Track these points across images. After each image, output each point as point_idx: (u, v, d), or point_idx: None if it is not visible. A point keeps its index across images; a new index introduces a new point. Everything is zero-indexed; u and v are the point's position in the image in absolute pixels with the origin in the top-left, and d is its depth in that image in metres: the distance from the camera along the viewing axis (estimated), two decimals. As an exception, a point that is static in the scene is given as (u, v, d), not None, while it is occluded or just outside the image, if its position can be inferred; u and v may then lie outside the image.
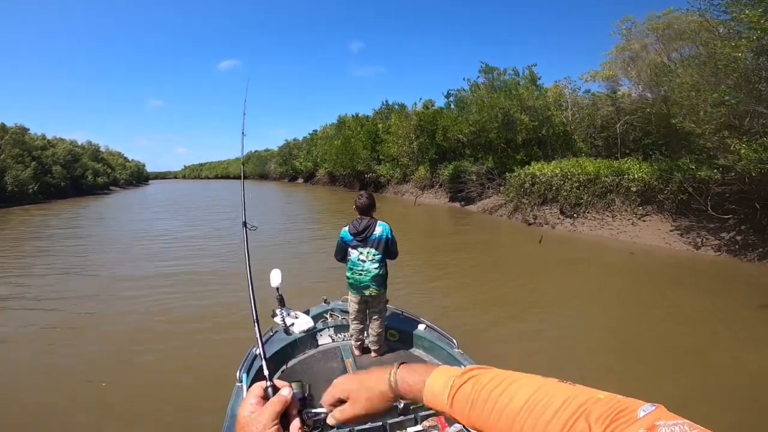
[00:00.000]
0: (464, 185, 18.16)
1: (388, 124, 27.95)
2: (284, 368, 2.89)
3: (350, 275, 3.11)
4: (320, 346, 3.27)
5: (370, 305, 3.15)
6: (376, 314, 3.12)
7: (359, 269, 3.05)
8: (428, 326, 3.19)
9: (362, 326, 3.19)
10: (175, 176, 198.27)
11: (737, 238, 8.16)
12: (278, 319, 3.12)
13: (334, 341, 3.36)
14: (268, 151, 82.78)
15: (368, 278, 3.03)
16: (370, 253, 3.04)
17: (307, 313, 3.38)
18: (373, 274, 3.02)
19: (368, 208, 3.10)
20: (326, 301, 3.77)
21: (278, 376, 2.78)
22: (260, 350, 0.78)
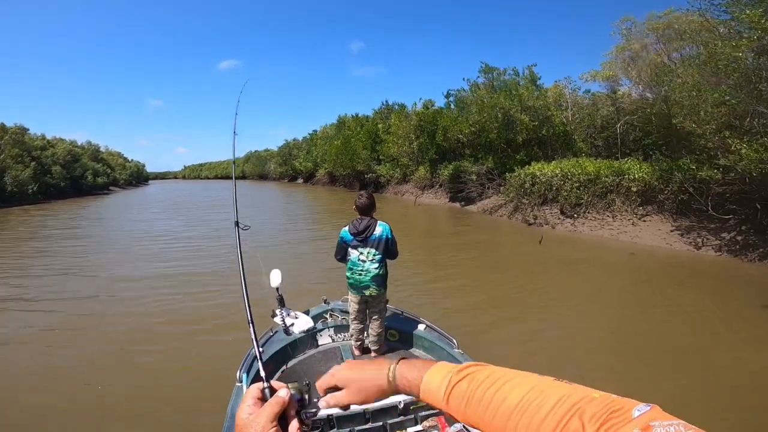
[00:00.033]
0: (464, 185, 18.15)
1: (388, 124, 27.94)
2: (284, 368, 2.89)
3: (350, 275, 3.10)
4: (320, 346, 3.27)
5: (370, 305, 3.14)
6: (376, 314, 3.12)
7: (359, 269, 3.05)
8: (428, 326, 3.19)
9: (362, 326, 3.18)
10: (175, 176, 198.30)
11: (738, 238, 8.15)
12: (278, 319, 3.11)
13: (334, 341, 3.36)
14: (267, 151, 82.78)
15: (368, 278, 3.03)
16: (370, 253, 3.03)
17: (307, 313, 3.38)
18: (373, 274, 3.02)
19: (368, 208, 3.09)
20: (326, 301, 3.77)
21: (278, 376, 2.78)
22: (256, 352, 0.77)
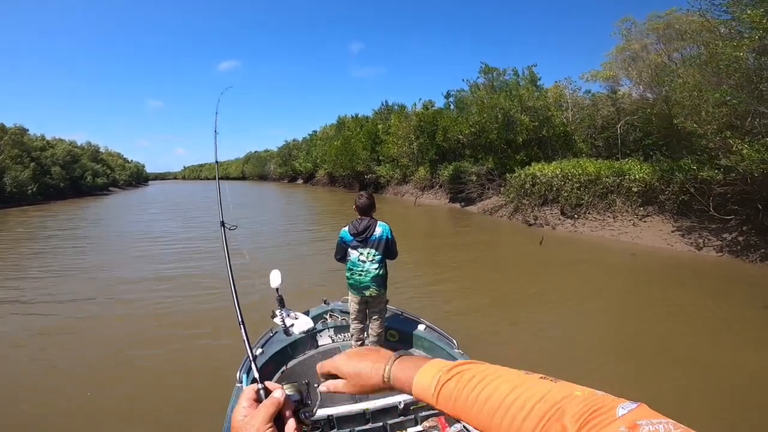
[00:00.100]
0: (464, 186, 18.14)
1: (387, 124, 27.94)
2: (284, 369, 2.89)
3: (350, 276, 3.10)
4: (320, 346, 3.27)
5: (370, 305, 3.14)
6: (376, 314, 3.12)
7: (359, 270, 3.04)
8: (428, 326, 3.19)
9: (362, 326, 3.19)
10: (174, 177, 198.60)
11: (739, 239, 8.13)
12: (278, 319, 3.10)
13: (334, 342, 3.36)
14: (267, 151, 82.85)
15: (368, 279, 3.02)
16: (370, 253, 3.02)
17: (306, 313, 3.37)
18: (373, 274, 3.01)
19: (368, 208, 3.09)
20: (326, 301, 3.76)
21: (278, 376, 2.78)
22: (249, 352, 0.78)
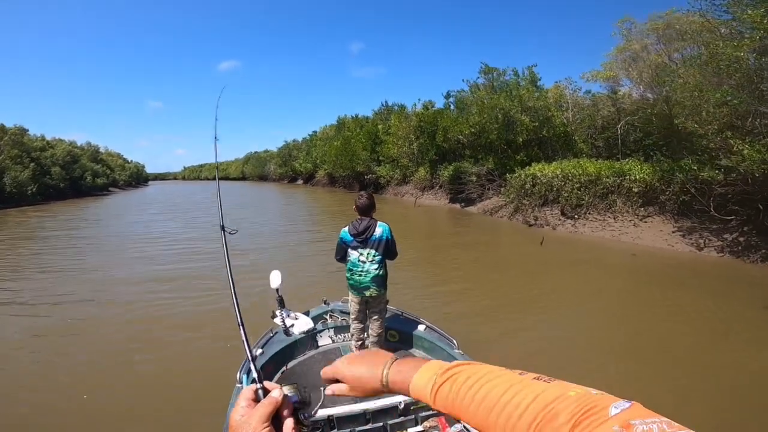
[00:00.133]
0: (464, 186, 18.13)
1: (387, 125, 27.93)
2: (284, 369, 2.88)
3: (350, 276, 3.09)
4: (320, 347, 3.27)
5: (370, 306, 3.13)
6: (376, 315, 3.11)
7: (359, 270, 3.03)
8: (428, 327, 3.18)
9: (363, 326, 3.18)
10: (174, 177, 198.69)
11: (740, 239, 8.11)
12: (278, 320, 3.09)
13: (334, 342, 3.35)
14: (267, 152, 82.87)
15: (368, 279, 3.01)
16: (370, 254, 3.02)
17: (307, 314, 3.36)
18: (373, 275, 3.01)
19: (368, 208, 3.08)
20: (326, 302, 3.76)
21: (278, 377, 2.77)
22: (248, 353, 0.78)
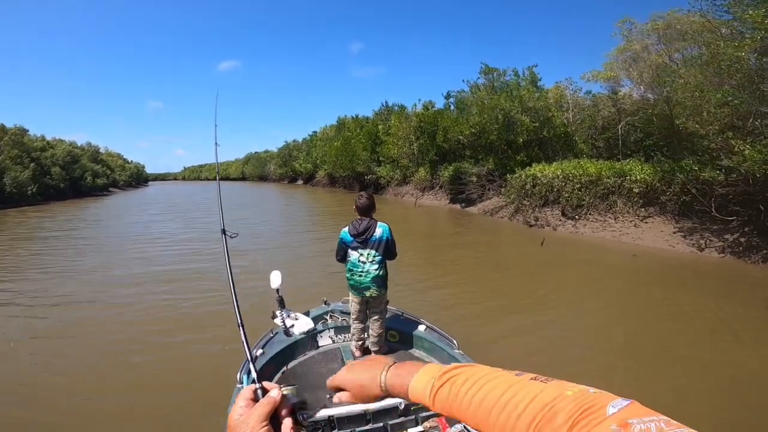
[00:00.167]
0: (465, 187, 18.12)
1: (388, 125, 27.92)
2: (285, 369, 2.88)
3: (350, 276, 3.09)
4: (321, 347, 3.26)
5: (370, 306, 3.13)
6: (376, 315, 3.10)
7: (359, 270, 3.03)
8: (428, 327, 3.18)
9: (363, 326, 3.18)
10: (174, 178, 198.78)
11: (741, 240, 8.09)
12: (278, 320, 3.07)
13: (334, 342, 3.34)
14: (267, 152, 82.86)
15: (368, 279, 3.01)
16: (370, 254, 3.02)
17: (307, 314, 3.34)
18: (373, 275, 3.01)
19: (368, 208, 3.08)
20: (326, 302, 3.75)
21: (279, 377, 2.77)
22: (247, 354, 0.78)
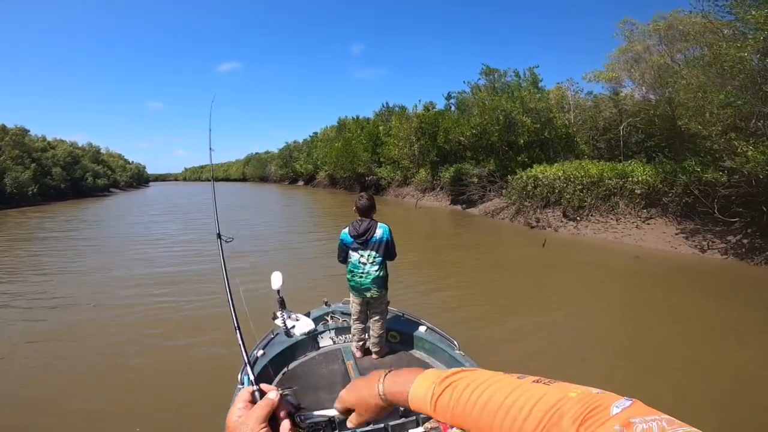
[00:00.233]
0: (466, 188, 18.09)
1: (388, 126, 27.92)
2: (285, 370, 2.87)
3: (351, 277, 3.09)
4: (321, 348, 3.25)
5: (371, 307, 3.12)
6: (377, 316, 3.09)
7: (360, 272, 3.03)
8: (429, 328, 3.17)
9: (364, 327, 3.16)
10: (175, 178, 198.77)
11: (744, 241, 8.06)
12: (279, 321, 3.05)
13: (335, 343, 3.33)
14: (268, 153, 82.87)
15: (369, 280, 3.01)
16: (370, 255, 3.01)
17: (307, 315, 3.32)
18: (373, 276, 3.00)
19: (368, 209, 3.07)
20: (327, 303, 3.73)
21: (279, 378, 2.76)
22: (245, 357, 0.77)
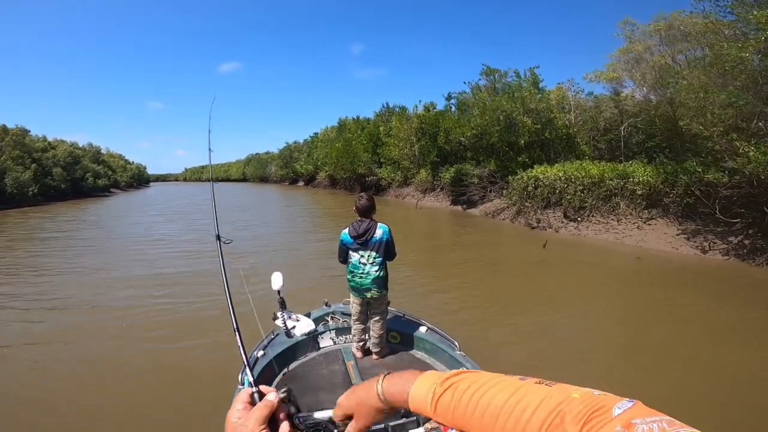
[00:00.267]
0: (466, 188, 18.08)
1: (389, 126, 27.91)
2: (286, 371, 2.86)
3: (351, 278, 3.08)
4: (322, 348, 3.24)
5: (371, 307, 3.11)
6: (377, 316, 3.08)
7: (360, 272, 3.02)
8: (430, 328, 3.16)
9: (364, 327, 3.16)
10: (176, 179, 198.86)
11: (745, 242, 8.04)
12: (279, 322, 3.04)
13: (335, 344, 3.32)
14: (268, 153, 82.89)
15: (369, 281, 3.00)
16: (371, 256, 3.01)
17: (308, 315, 3.31)
18: (373, 276, 3.00)
19: (368, 209, 3.07)
20: (327, 303, 3.73)
21: (280, 378, 2.76)
22: (244, 359, 0.77)
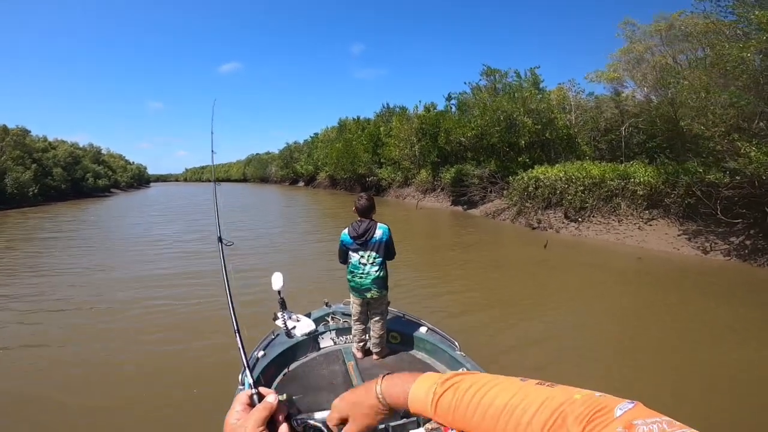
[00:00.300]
0: (466, 189, 18.07)
1: (389, 127, 27.91)
2: (286, 371, 2.85)
3: (351, 278, 3.08)
4: (322, 349, 3.23)
5: (371, 307, 3.11)
6: (377, 316, 3.08)
7: (360, 272, 3.02)
8: (430, 329, 3.15)
9: (364, 327, 3.15)
10: (176, 179, 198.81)
11: (746, 242, 8.02)
12: (280, 322, 3.03)
13: (335, 344, 3.32)
14: (269, 154, 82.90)
15: (369, 281, 3.00)
16: (370, 256, 3.00)
17: (308, 316, 3.30)
18: (373, 276, 2.99)
19: (368, 210, 3.06)
20: (327, 304, 3.72)
21: (280, 379, 2.76)
22: (244, 361, 0.76)
